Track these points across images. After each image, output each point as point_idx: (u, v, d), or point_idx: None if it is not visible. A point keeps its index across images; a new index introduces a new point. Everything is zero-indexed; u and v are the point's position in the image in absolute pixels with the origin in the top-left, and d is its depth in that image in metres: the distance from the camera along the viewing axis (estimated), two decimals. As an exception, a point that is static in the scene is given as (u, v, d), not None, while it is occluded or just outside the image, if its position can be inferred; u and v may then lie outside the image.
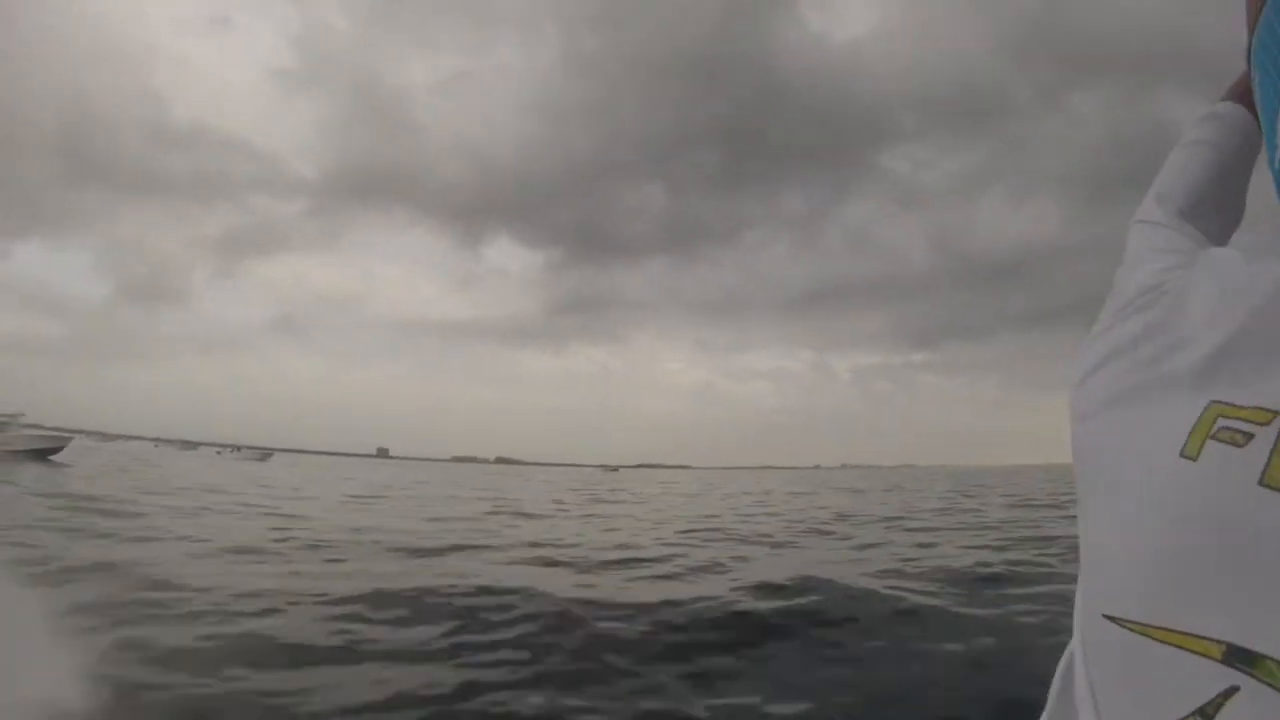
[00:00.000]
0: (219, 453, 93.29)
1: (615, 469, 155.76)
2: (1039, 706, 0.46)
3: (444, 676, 4.88)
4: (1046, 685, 0.47)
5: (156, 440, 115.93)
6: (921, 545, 11.91)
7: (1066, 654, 0.44)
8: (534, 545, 11.89)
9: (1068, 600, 0.44)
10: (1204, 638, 0.31)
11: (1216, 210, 0.62)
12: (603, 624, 6.28)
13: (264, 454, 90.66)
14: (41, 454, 44.09)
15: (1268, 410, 0.34)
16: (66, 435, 48.63)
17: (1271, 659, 0.29)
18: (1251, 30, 0.50)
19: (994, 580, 8.43)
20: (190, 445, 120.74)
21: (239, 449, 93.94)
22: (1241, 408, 0.35)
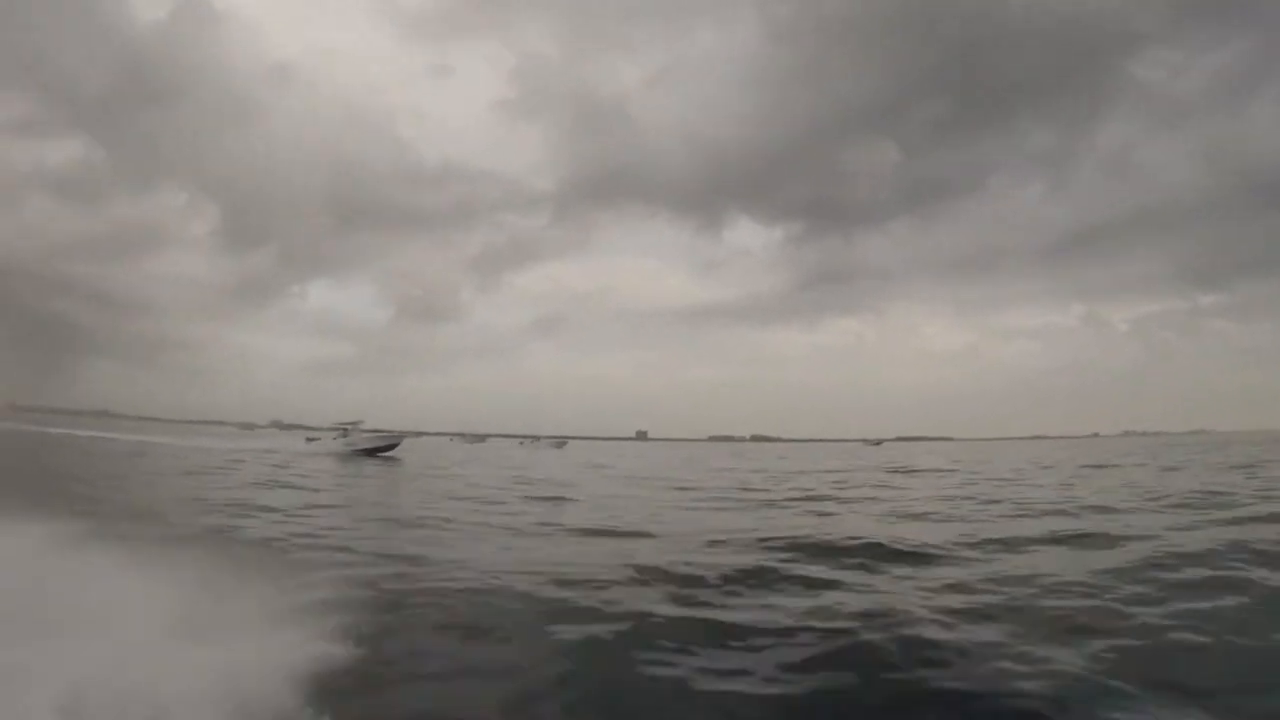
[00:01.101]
0: (521, 443, 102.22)
1: (878, 443, 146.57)
2: None
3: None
4: None
5: (452, 436, 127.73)
6: None
7: None
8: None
9: None
10: None
11: None
12: None
13: (560, 442, 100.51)
14: (379, 451, 49.47)
15: None
16: (399, 435, 53.87)
17: None
18: None
19: None
20: (479, 438, 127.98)
21: (538, 439, 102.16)
22: None
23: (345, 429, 53.07)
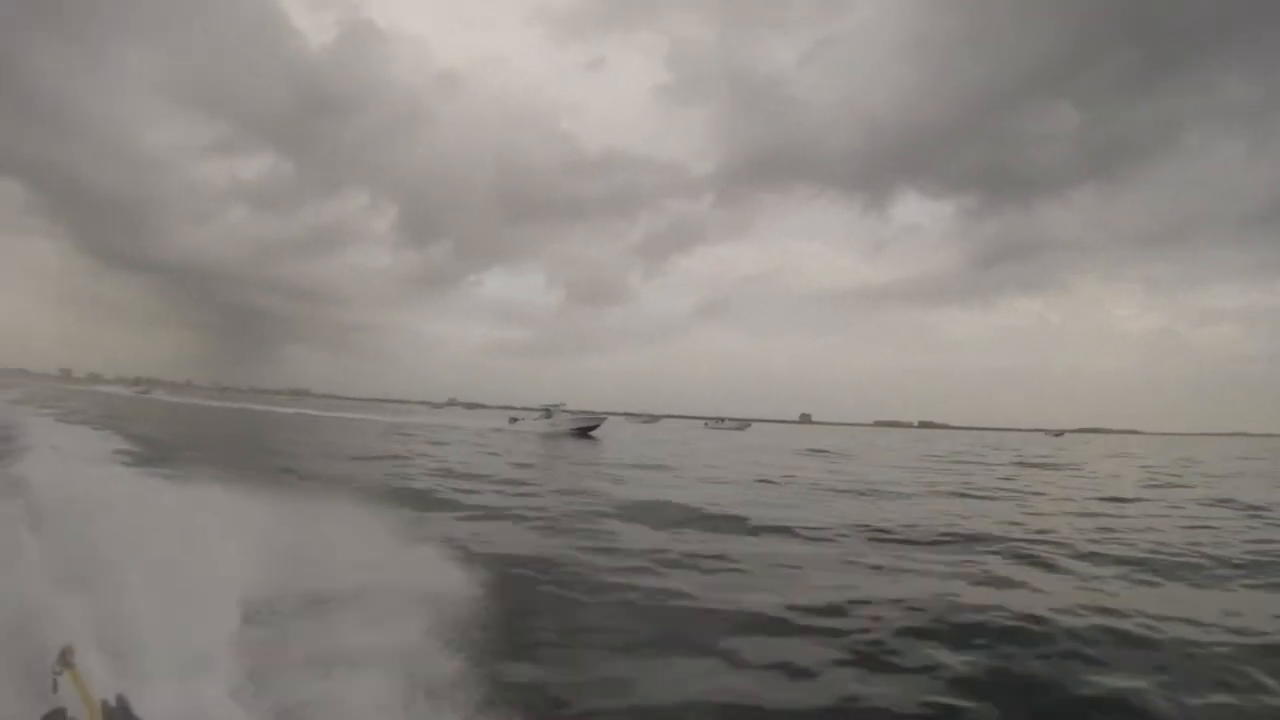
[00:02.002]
0: (706, 424, 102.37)
1: (1059, 434, 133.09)
2: None
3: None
4: None
5: (627, 415, 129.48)
6: None
7: None
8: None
9: None
10: None
11: None
12: None
13: (742, 424, 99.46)
14: (584, 431, 51.22)
15: None
16: (601, 416, 56.40)
17: None
18: None
19: None
20: (651, 418, 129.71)
21: (722, 421, 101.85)
22: None
23: (549, 409, 54.26)
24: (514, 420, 57.17)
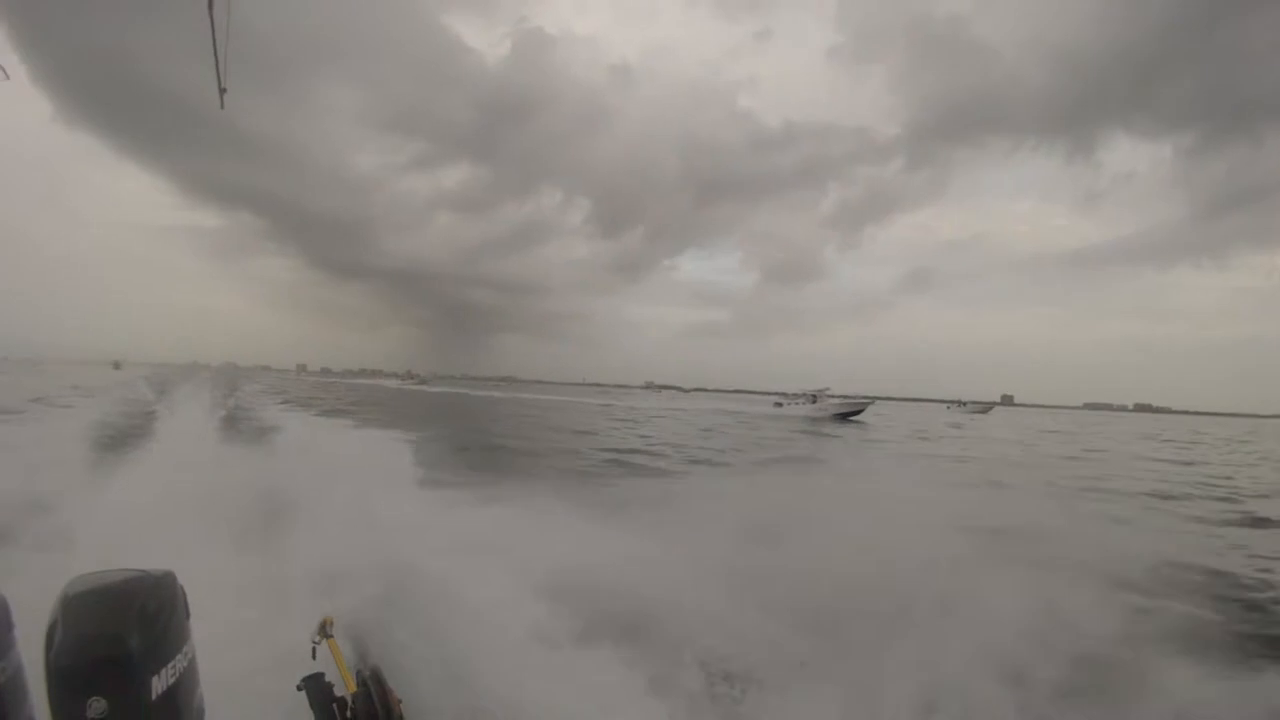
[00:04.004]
0: (948, 408, 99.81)
1: None
2: None
3: None
4: None
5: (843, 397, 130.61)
6: None
7: None
8: None
9: None
10: None
11: None
12: None
13: (985, 407, 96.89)
14: (848, 415, 52.14)
15: None
16: (866, 400, 56.04)
17: None
18: None
19: None
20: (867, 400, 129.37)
21: (963, 404, 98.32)
22: None
23: (814, 395, 56.17)
24: (779, 404, 59.25)
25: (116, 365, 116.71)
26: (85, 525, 6.27)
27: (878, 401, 62.13)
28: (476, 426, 31.26)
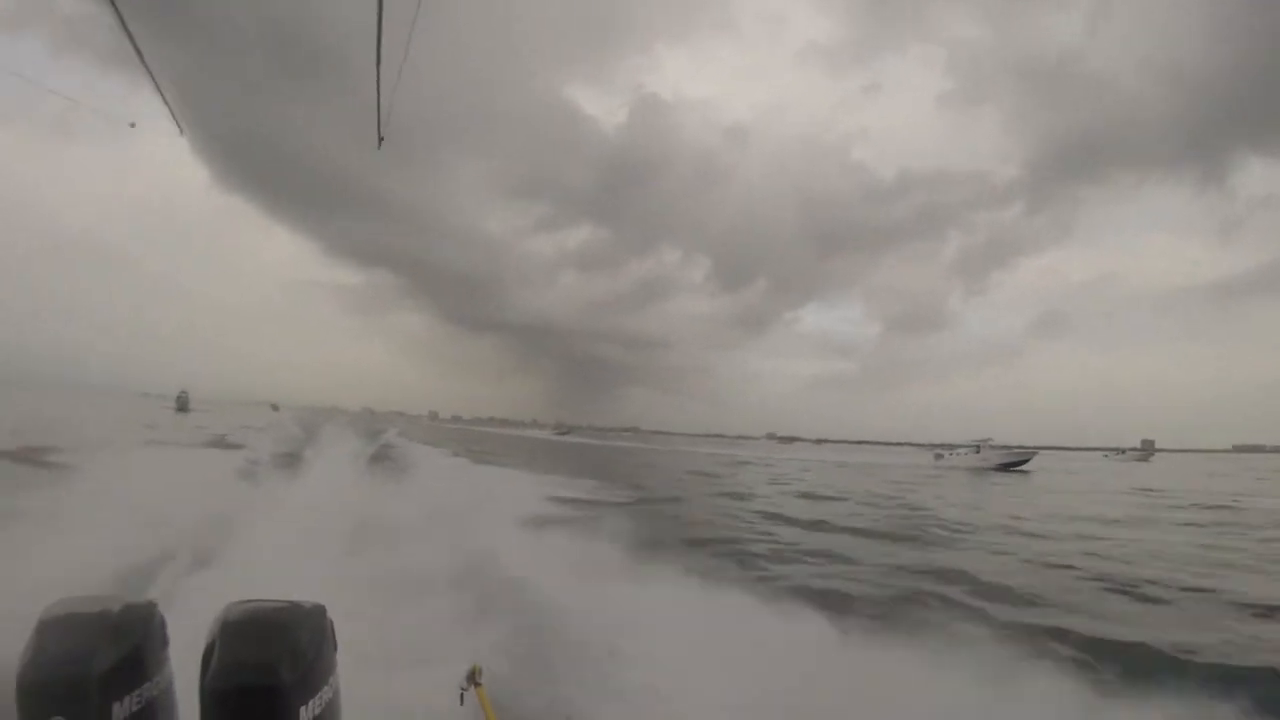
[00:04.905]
0: (1105, 456, 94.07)
1: None
2: None
3: None
4: None
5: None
6: None
7: None
8: None
9: None
10: None
11: None
12: None
13: (1145, 454, 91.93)
14: (1012, 465, 49.92)
15: None
16: (1030, 450, 53.97)
17: None
18: None
19: None
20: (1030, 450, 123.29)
21: (1122, 451, 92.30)
22: None
23: (977, 445, 54.14)
24: (939, 456, 57.25)
25: (275, 407, 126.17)
26: (243, 552, 6.42)
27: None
28: (629, 477, 30.89)
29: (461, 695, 3.06)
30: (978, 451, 53.12)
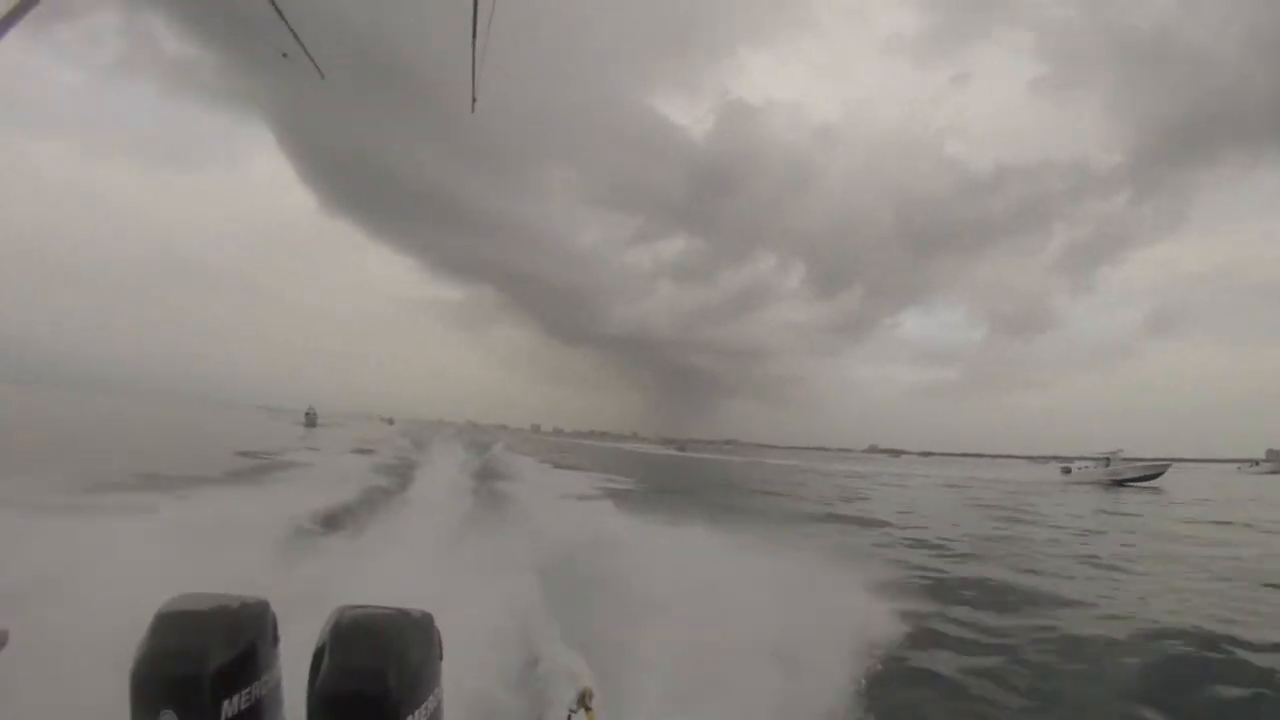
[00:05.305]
0: (1239, 469, 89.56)
1: None
2: None
3: None
4: None
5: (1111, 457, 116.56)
6: None
7: None
8: None
9: None
10: None
11: None
12: None
13: (1277, 465, 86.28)
14: (1143, 479, 47.08)
15: None
16: (1163, 463, 50.80)
17: None
18: None
19: None
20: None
21: (1257, 463, 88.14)
22: None
23: (1107, 458, 50.69)
24: (1066, 470, 53.70)
25: (390, 421, 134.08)
26: (355, 555, 6.60)
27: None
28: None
29: (569, 716, 2.93)
30: (1106, 465, 49.20)
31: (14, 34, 2.49)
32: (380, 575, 5.37)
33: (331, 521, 8.85)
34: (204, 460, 19.69)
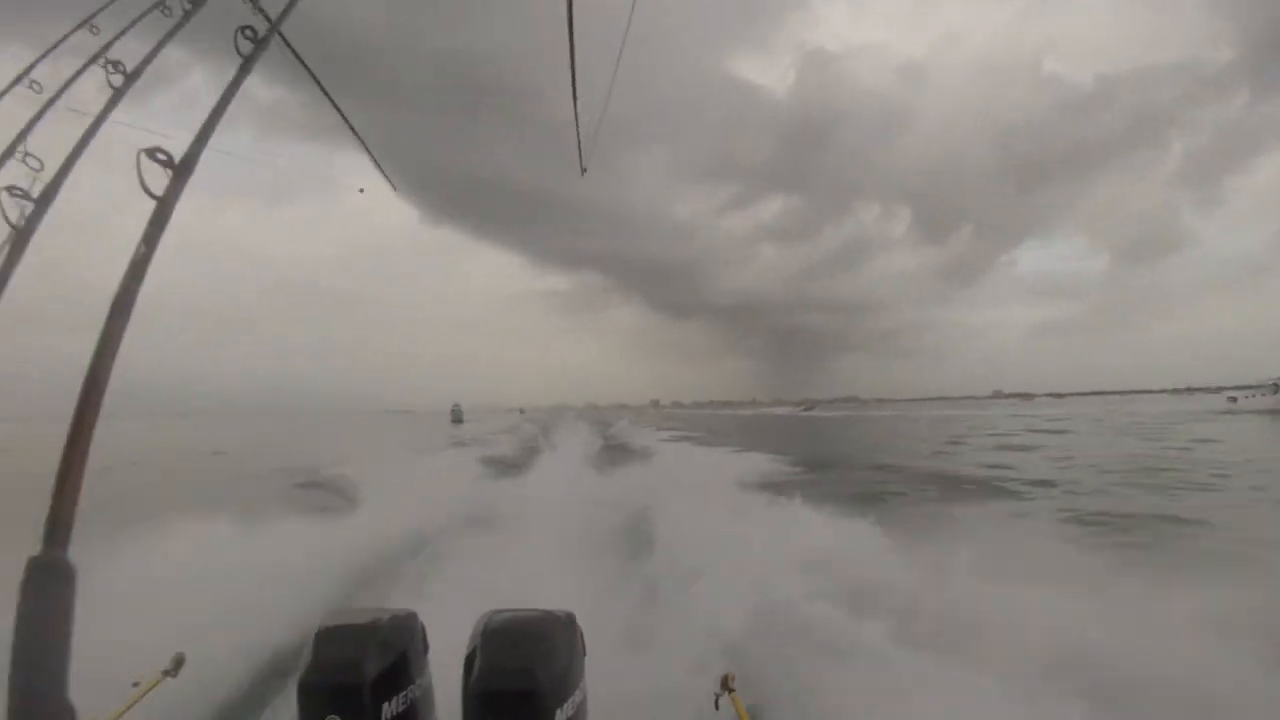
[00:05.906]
0: None
1: None
2: None
3: None
4: None
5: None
6: None
7: None
8: None
9: None
10: None
11: None
12: None
13: None
14: None
15: None
16: None
17: None
18: None
19: None
20: None
21: None
22: None
23: (1275, 383, 47.03)
24: (1232, 399, 50.43)
25: (521, 411, 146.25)
26: (493, 559, 6.69)
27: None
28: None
29: (716, 700, 2.96)
30: (1276, 391, 45.29)
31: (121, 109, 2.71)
32: (517, 579, 5.40)
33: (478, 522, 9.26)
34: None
